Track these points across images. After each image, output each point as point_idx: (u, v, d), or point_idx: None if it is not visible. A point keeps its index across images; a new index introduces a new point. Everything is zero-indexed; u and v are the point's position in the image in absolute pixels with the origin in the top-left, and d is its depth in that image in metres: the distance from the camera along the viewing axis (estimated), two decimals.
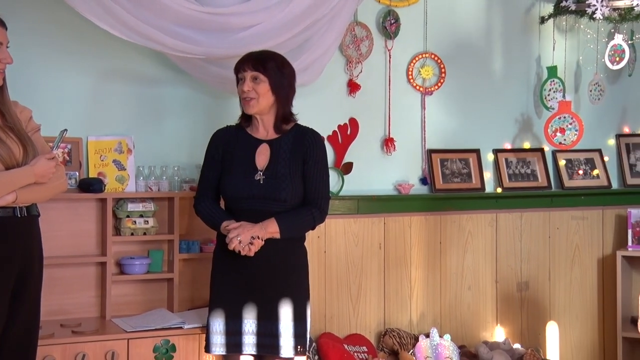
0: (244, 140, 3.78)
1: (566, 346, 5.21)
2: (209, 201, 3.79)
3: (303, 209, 3.75)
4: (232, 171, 3.73)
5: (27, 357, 3.43)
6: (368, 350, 4.59)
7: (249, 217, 3.65)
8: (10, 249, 3.29)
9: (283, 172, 3.72)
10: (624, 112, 5.42)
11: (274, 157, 3.74)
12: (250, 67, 3.67)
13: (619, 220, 5.30)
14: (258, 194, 3.68)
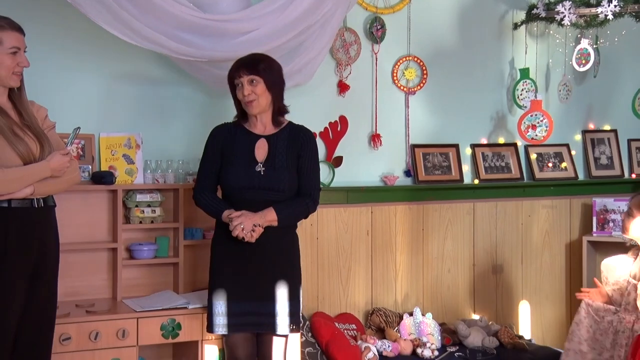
0: (242, 136, 3.79)
1: (537, 323, 5.24)
2: (208, 192, 3.80)
3: (298, 199, 3.77)
4: (234, 164, 3.73)
5: (45, 335, 3.43)
6: (357, 328, 4.61)
7: (249, 206, 3.65)
8: (29, 236, 3.30)
9: (281, 165, 3.74)
10: (590, 110, 5.44)
11: (272, 151, 3.75)
12: (245, 72, 3.69)
13: (584, 209, 5.32)
14: (259, 184, 3.70)
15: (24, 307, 3.31)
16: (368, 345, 4.38)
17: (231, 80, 3.76)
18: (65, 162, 3.36)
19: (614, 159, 5.44)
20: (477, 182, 5.11)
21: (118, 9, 3.81)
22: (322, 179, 4.57)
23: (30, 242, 3.30)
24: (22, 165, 3.26)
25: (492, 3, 5.14)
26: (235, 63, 3.75)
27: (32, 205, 3.31)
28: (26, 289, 3.32)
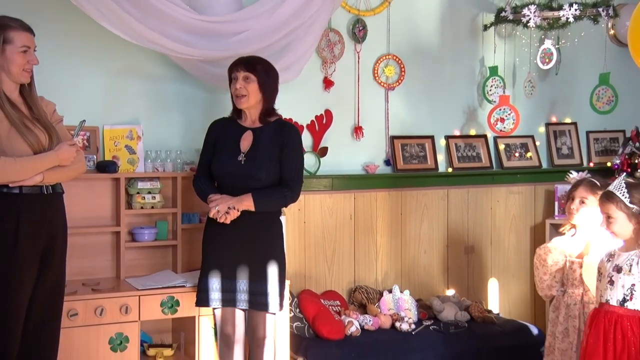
0: (233, 128, 3.83)
1: (504, 298, 5.27)
2: (203, 179, 3.85)
3: (276, 188, 3.77)
4: (222, 153, 3.78)
5: (55, 310, 3.44)
6: (341, 304, 4.63)
7: (231, 192, 3.71)
8: (39, 220, 3.30)
9: (262, 156, 3.74)
10: (552, 105, 5.45)
11: (255, 143, 3.78)
12: (242, 68, 3.71)
13: (547, 195, 5.34)
14: (238, 172, 3.73)
15: (35, 284, 3.31)
16: (351, 319, 4.39)
17: (230, 75, 3.79)
18: (72, 152, 3.38)
19: (574, 149, 5.46)
20: (450, 171, 5.10)
21: (121, 11, 3.81)
22: (308, 168, 4.63)
23: (40, 225, 3.31)
24: (32, 155, 3.26)
25: (464, 6, 5.13)
26: (237, 59, 3.79)
27: (41, 191, 3.31)
28: (37, 268, 3.32)
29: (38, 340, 3.37)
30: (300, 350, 4.18)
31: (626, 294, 3.17)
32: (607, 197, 3.23)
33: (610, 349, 3.16)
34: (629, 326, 3.14)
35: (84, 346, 3.72)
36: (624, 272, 3.18)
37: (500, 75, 5.12)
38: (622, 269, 3.19)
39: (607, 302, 3.22)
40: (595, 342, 3.22)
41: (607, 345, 3.17)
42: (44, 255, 3.33)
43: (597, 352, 3.19)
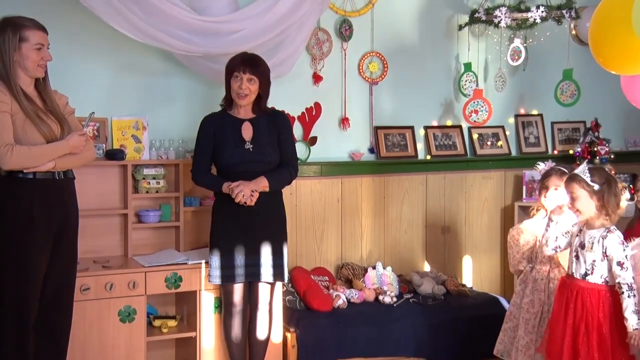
0: (230, 121, 3.83)
1: (477, 273, 5.29)
2: (206, 172, 3.84)
3: (283, 168, 3.86)
4: (226, 145, 3.77)
5: (68, 284, 3.47)
6: (329, 280, 4.64)
7: (242, 177, 3.72)
8: (51, 203, 3.32)
9: (265, 142, 3.81)
10: (521, 98, 5.45)
11: (256, 132, 3.81)
12: (248, 71, 3.73)
13: (516, 180, 5.35)
14: (249, 159, 3.76)
15: (49, 262, 3.33)
16: (338, 293, 4.40)
17: (231, 71, 3.76)
18: (82, 141, 3.39)
19: (540, 138, 5.47)
20: (429, 158, 5.11)
21: (127, 12, 3.82)
22: (299, 155, 4.63)
23: (53, 208, 3.32)
24: (45, 144, 3.27)
25: (440, 8, 5.12)
26: (239, 58, 3.78)
27: (53, 177, 3.32)
28: (51, 248, 3.33)
29: (54, 311, 3.39)
30: (292, 321, 4.18)
31: (588, 268, 3.20)
32: (571, 178, 3.26)
33: (570, 316, 3.21)
34: (588, 297, 3.18)
35: (96, 318, 3.74)
36: (587, 249, 3.21)
37: (474, 71, 5.12)
38: (585, 245, 3.22)
39: (572, 274, 3.27)
40: (558, 309, 3.29)
41: (567, 313, 3.22)
42: (57, 235, 3.34)
43: (559, 318, 3.26)
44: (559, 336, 3.24)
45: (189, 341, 4.04)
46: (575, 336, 3.18)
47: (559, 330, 3.25)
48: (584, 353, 3.14)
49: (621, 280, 3.11)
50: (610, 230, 3.21)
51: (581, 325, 3.17)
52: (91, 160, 3.56)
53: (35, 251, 3.25)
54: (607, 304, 3.16)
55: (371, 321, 4.30)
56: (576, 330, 3.18)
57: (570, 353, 3.19)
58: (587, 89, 5.32)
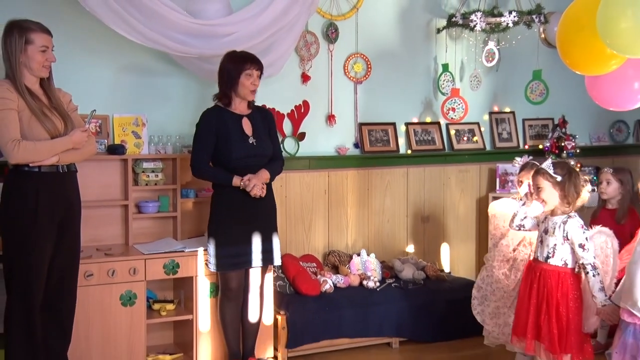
0: (230, 117, 3.80)
1: (454, 259, 5.31)
2: (207, 165, 3.78)
3: (276, 161, 3.91)
4: (231, 139, 3.74)
5: (72, 270, 3.46)
6: (317, 266, 4.65)
7: (247, 171, 3.73)
8: (55, 195, 3.31)
9: (263, 136, 3.84)
10: (495, 97, 5.47)
11: (254, 127, 3.82)
12: (258, 68, 3.74)
13: (490, 172, 5.37)
14: (253, 153, 3.77)
15: (54, 250, 3.32)
16: (325, 278, 4.41)
17: (241, 69, 3.71)
18: (84, 137, 3.37)
19: (512, 134, 5.49)
20: (409, 152, 5.11)
21: (127, 15, 3.81)
22: (289, 150, 4.67)
23: (57, 199, 3.31)
24: (49, 139, 3.25)
25: (420, 12, 5.13)
26: (246, 56, 3.76)
27: (57, 170, 3.31)
28: (56, 237, 3.33)
29: (59, 295, 3.39)
30: (283, 305, 4.18)
31: (549, 252, 3.25)
32: (537, 172, 3.31)
33: (534, 295, 3.26)
34: (549, 279, 3.23)
35: (99, 302, 3.74)
36: (549, 234, 3.26)
37: (451, 71, 5.13)
38: (548, 231, 3.27)
39: (537, 258, 3.32)
40: (524, 289, 3.35)
41: (531, 293, 3.28)
42: (61, 225, 3.33)
43: (525, 297, 3.32)
44: (524, 315, 3.29)
45: (186, 323, 4.03)
46: (538, 314, 3.23)
47: (524, 309, 3.30)
48: (545, 329, 3.19)
49: (584, 260, 3.15)
50: (571, 216, 3.25)
51: (543, 304, 3.22)
52: (93, 154, 3.54)
53: (41, 240, 3.24)
54: (565, 284, 3.21)
55: (356, 304, 4.30)
56: (539, 309, 3.24)
57: (533, 330, 3.25)
58: (555, 88, 5.34)
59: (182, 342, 4.14)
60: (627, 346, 2.94)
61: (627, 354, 2.94)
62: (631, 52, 3.15)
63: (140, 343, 3.84)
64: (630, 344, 2.93)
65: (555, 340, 3.16)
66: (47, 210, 3.25)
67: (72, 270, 3.44)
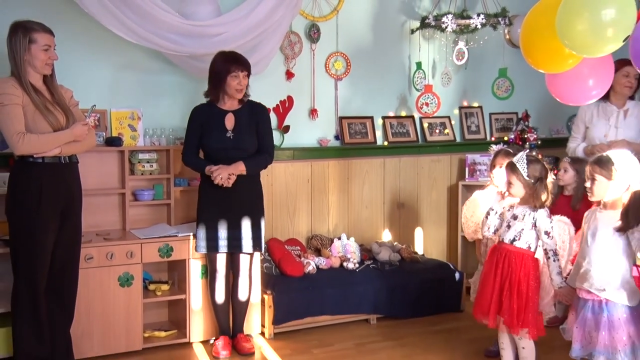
0: (216, 112, 3.82)
1: (427, 243, 5.31)
2: (194, 155, 3.83)
3: (260, 155, 3.86)
4: (211, 132, 3.77)
5: (74, 255, 3.47)
6: (301, 249, 4.64)
7: (224, 162, 3.72)
8: (58, 184, 3.31)
9: (244, 131, 3.81)
10: (464, 92, 5.45)
11: (237, 122, 3.81)
12: (244, 69, 3.74)
13: (460, 162, 5.36)
14: (229, 145, 3.76)
15: (57, 236, 3.33)
16: (309, 261, 4.41)
17: (226, 71, 3.71)
18: (85, 130, 3.37)
19: (480, 126, 5.48)
20: (386, 144, 5.08)
21: (123, 17, 3.80)
22: (275, 142, 4.60)
23: (60, 188, 3.31)
24: (52, 132, 3.25)
25: (395, 14, 5.10)
26: (233, 58, 3.74)
27: (60, 161, 3.31)
28: (59, 222, 3.33)
29: (62, 278, 3.40)
30: (269, 285, 4.19)
31: (516, 235, 3.26)
32: (511, 168, 3.28)
33: (499, 274, 3.27)
34: (514, 259, 3.25)
35: (98, 283, 3.74)
36: (519, 220, 3.27)
37: (424, 69, 5.11)
38: (517, 217, 3.28)
39: (503, 240, 3.32)
40: (489, 269, 3.34)
41: (496, 272, 3.28)
42: (63, 212, 3.34)
43: (489, 276, 3.32)
44: (489, 293, 3.30)
45: (180, 303, 4.05)
46: (501, 292, 3.25)
47: (489, 288, 3.30)
48: (507, 305, 3.22)
49: (548, 247, 3.20)
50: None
51: (506, 282, 3.24)
52: (93, 146, 3.55)
53: (45, 226, 3.25)
54: (527, 266, 3.24)
55: (337, 284, 4.32)
56: (502, 287, 3.26)
57: (496, 307, 3.27)
58: (519, 85, 5.34)
59: (176, 320, 4.16)
60: (586, 320, 3.01)
61: (586, 327, 3.01)
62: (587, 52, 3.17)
63: (138, 321, 3.84)
64: (589, 319, 3.00)
65: (515, 315, 3.20)
66: (50, 198, 3.25)
67: (74, 254, 3.45)
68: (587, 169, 3.08)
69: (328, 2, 4.81)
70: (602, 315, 2.97)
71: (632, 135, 4.02)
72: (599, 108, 4.12)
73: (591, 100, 3.66)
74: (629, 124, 4.06)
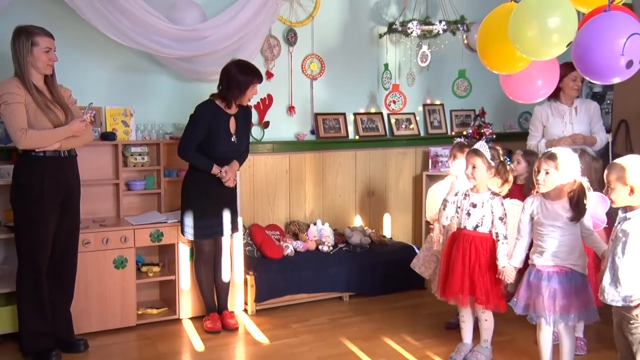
0: (222, 115, 3.79)
1: (394, 227, 5.33)
2: (195, 152, 3.76)
3: (245, 153, 3.95)
4: (220, 136, 3.75)
5: (73, 241, 3.48)
6: (280, 234, 4.66)
7: (225, 162, 3.78)
8: (59, 176, 3.31)
9: (242, 134, 3.86)
10: (427, 91, 5.45)
11: (237, 126, 3.83)
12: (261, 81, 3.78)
13: (424, 155, 5.36)
14: (234, 149, 3.81)
15: (58, 223, 3.34)
16: (287, 244, 4.43)
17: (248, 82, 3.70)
18: (83, 126, 3.37)
19: (441, 122, 5.46)
20: (357, 138, 5.08)
21: (117, 22, 3.80)
22: (256, 136, 4.62)
23: (60, 179, 3.32)
24: (52, 128, 3.25)
25: (365, 21, 5.10)
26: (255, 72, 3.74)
27: (60, 155, 3.31)
28: (59, 211, 3.34)
29: (62, 261, 3.42)
30: (251, 267, 4.20)
31: (478, 222, 3.30)
32: (474, 152, 3.29)
33: (467, 259, 3.30)
34: (480, 243, 3.30)
35: (95, 266, 3.76)
36: (478, 207, 3.30)
37: (391, 70, 5.12)
38: (476, 205, 3.31)
39: (465, 227, 3.34)
40: (456, 255, 3.33)
41: (464, 257, 3.30)
42: (63, 202, 3.34)
43: (457, 261, 3.32)
44: (458, 277, 3.30)
45: (170, 283, 4.07)
46: (472, 274, 3.28)
47: (458, 272, 3.30)
48: (479, 286, 3.26)
49: (499, 231, 3.27)
50: (495, 193, 3.32)
51: (476, 266, 3.28)
52: (90, 141, 3.55)
53: (46, 214, 3.26)
54: (493, 249, 3.29)
55: (313, 265, 4.35)
56: (472, 270, 3.28)
57: (468, 288, 3.29)
58: (476, 84, 5.37)
59: (167, 298, 4.18)
60: (531, 285, 3.07)
61: (533, 292, 3.06)
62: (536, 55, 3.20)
63: (131, 299, 3.86)
64: (533, 284, 3.06)
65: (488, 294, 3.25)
66: (51, 188, 3.26)
67: (73, 239, 3.46)
68: (537, 163, 3.10)
69: (304, 8, 4.82)
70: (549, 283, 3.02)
71: (583, 129, 4.15)
72: (552, 108, 4.23)
73: (539, 98, 3.70)
74: (581, 120, 4.17)
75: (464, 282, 3.28)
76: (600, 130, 4.17)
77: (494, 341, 3.49)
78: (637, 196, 2.58)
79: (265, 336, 3.83)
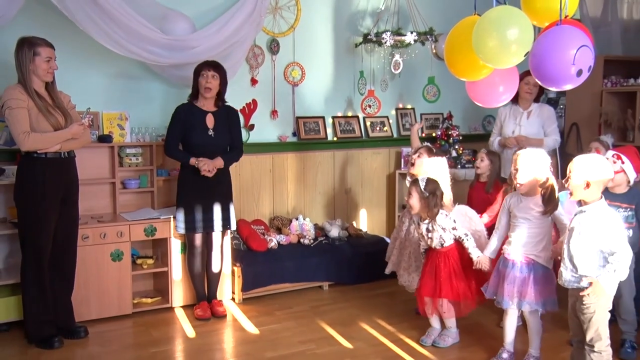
0: (197, 112, 3.81)
1: (370, 221, 5.35)
2: (176, 148, 3.81)
3: (233, 151, 3.90)
4: (195, 130, 3.76)
5: (73, 236, 3.49)
6: (264, 228, 4.66)
7: (205, 156, 3.75)
8: (59, 176, 3.33)
9: (222, 130, 3.82)
10: (400, 96, 5.46)
11: (216, 122, 3.82)
12: (212, 69, 3.74)
13: (397, 155, 5.38)
14: (210, 142, 3.78)
15: (58, 219, 3.35)
16: (271, 238, 4.44)
17: (198, 72, 3.73)
18: (81, 129, 3.38)
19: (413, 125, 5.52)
20: (336, 139, 5.09)
21: (112, 32, 3.80)
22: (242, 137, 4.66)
23: (60, 179, 3.33)
24: (53, 131, 3.26)
25: (342, 31, 5.11)
26: (204, 62, 3.76)
27: (60, 156, 3.33)
28: (59, 209, 3.35)
29: (63, 254, 3.44)
30: (238, 259, 4.22)
31: (440, 242, 3.36)
32: (413, 182, 3.38)
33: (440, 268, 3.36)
34: (452, 255, 3.37)
35: (94, 259, 3.78)
36: (432, 232, 3.36)
37: (366, 76, 5.14)
38: (430, 229, 3.36)
39: (434, 247, 3.40)
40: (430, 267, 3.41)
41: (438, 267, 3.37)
42: (64, 200, 3.36)
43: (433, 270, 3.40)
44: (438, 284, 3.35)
45: (163, 274, 4.08)
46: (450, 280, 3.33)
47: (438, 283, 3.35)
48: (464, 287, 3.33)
49: (458, 233, 3.34)
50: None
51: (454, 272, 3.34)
52: (88, 143, 3.57)
53: (47, 211, 3.28)
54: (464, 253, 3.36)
55: (295, 257, 4.36)
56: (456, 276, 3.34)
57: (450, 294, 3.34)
58: (444, 90, 5.41)
59: (160, 289, 4.19)
60: (499, 272, 3.17)
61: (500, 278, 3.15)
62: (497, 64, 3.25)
63: (127, 289, 3.88)
64: (501, 270, 3.15)
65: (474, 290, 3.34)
66: (52, 187, 3.27)
67: (73, 234, 3.48)
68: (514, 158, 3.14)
69: (286, 20, 4.85)
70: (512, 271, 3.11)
71: (533, 131, 4.27)
72: (511, 110, 4.36)
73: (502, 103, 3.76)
74: (532, 123, 4.29)
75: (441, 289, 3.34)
76: (552, 132, 4.30)
77: (461, 324, 3.55)
78: (591, 191, 2.67)
79: (252, 323, 3.86)
